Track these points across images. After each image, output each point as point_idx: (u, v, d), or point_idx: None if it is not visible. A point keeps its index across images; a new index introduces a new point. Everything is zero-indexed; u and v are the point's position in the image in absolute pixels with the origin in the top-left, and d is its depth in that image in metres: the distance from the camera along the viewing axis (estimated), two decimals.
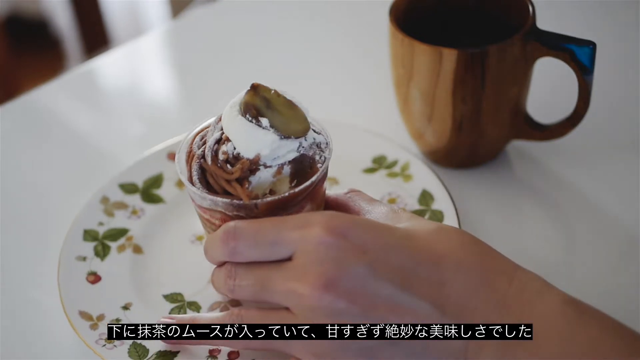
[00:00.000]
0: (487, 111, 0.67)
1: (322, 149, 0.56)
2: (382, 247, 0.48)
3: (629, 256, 0.65)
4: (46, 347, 0.61)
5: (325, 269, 0.47)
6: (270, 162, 0.53)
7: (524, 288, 0.48)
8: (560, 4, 0.90)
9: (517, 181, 0.72)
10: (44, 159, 0.81)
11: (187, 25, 1.01)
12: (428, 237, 0.50)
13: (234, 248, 0.50)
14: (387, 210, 0.55)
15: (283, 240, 0.49)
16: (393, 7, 0.68)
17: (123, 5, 2.12)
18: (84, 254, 0.64)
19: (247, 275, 0.51)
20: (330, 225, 0.48)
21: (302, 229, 0.49)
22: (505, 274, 0.49)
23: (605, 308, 0.60)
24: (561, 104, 0.70)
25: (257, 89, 0.54)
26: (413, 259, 0.48)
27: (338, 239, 0.48)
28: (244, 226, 0.51)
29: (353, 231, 0.48)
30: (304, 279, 0.48)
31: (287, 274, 0.49)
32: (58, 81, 0.92)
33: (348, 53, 0.90)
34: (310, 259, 0.48)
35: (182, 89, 0.93)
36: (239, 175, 0.53)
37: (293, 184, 0.54)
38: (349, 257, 0.47)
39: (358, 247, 0.48)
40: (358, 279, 0.47)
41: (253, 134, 0.53)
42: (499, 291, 0.48)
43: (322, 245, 0.48)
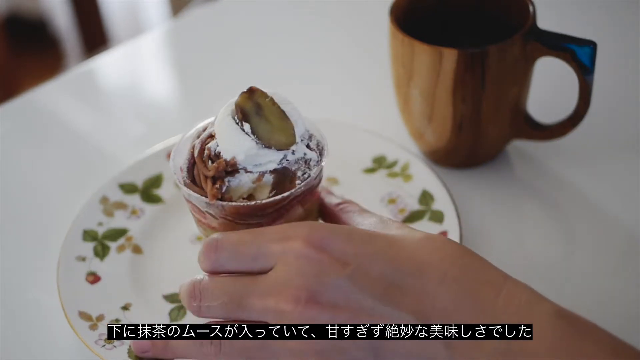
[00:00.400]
0: (487, 111, 0.67)
1: (309, 167, 0.55)
2: (363, 256, 0.47)
3: (629, 256, 0.65)
4: (46, 347, 0.61)
5: (308, 283, 0.47)
6: (252, 167, 0.53)
7: (512, 299, 0.47)
8: (560, 4, 0.90)
9: (517, 181, 0.72)
10: (44, 159, 0.81)
11: (187, 25, 1.01)
12: (412, 245, 0.49)
13: (215, 261, 0.50)
14: (376, 221, 0.54)
15: (264, 253, 0.49)
16: (393, 7, 0.68)
17: (123, 5, 2.12)
18: (83, 254, 0.64)
19: (217, 293, 0.50)
20: (310, 238, 0.48)
21: (282, 242, 0.48)
22: (493, 285, 0.47)
23: (605, 308, 0.61)
24: (561, 104, 0.70)
25: (252, 93, 0.54)
26: (395, 268, 0.47)
27: (318, 252, 0.47)
28: (225, 238, 0.50)
29: (333, 243, 0.48)
30: (286, 294, 0.47)
31: (266, 288, 0.48)
32: (58, 81, 0.92)
33: (348, 53, 0.90)
34: (292, 272, 0.47)
35: (182, 89, 0.93)
36: (214, 174, 0.53)
37: (272, 194, 0.53)
38: (331, 269, 0.47)
39: (339, 258, 0.47)
40: (340, 291, 0.47)
41: (233, 137, 0.53)
42: (485, 302, 0.46)
43: (302, 259, 0.47)
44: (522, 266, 0.63)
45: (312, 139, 0.57)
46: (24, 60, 2.15)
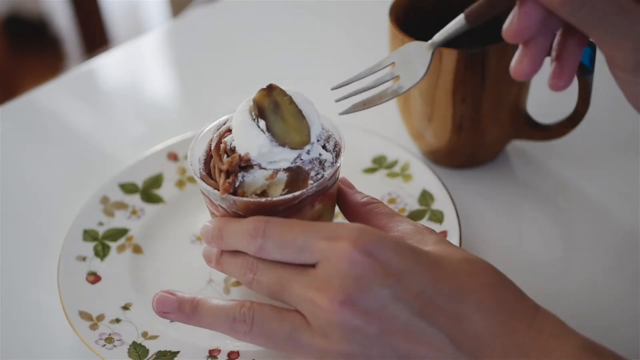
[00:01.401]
0: (487, 111, 0.67)
1: (324, 167, 0.55)
2: (407, 271, 0.47)
3: (628, 256, 0.65)
4: (46, 347, 0.61)
5: (346, 285, 0.47)
6: (266, 164, 0.53)
7: (542, 332, 0.47)
8: None
9: (517, 181, 0.72)
10: (44, 159, 0.81)
11: (187, 25, 1.01)
12: (454, 267, 0.49)
13: (261, 246, 0.50)
14: (413, 229, 0.53)
15: (310, 248, 0.49)
16: (393, 7, 0.69)
17: (123, 5, 2.12)
18: (83, 254, 0.64)
19: (268, 273, 0.50)
20: (358, 242, 0.47)
21: (330, 241, 0.48)
22: (525, 317, 0.48)
23: (605, 308, 0.61)
24: (561, 104, 0.70)
25: (271, 90, 0.54)
26: (436, 288, 0.47)
27: (364, 256, 0.47)
28: (274, 225, 0.50)
29: (380, 250, 0.48)
30: (324, 291, 0.47)
31: (308, 281, 0.48)
32: (58, 81, 0.92)
33: (348, 53, 0.90)
34: (333, 272, 0.47)
35: (182, 89, 0.93)
36: (228, 168, 0.53)
37: (284, 192, 0.53)
38: (372, 277, 0.47)
39: (383, 268, 0.47)
40: (378, 300, 0.47)
41: (248, 132, 0.53)
42: (517, 334, 0.47)
43: (348, 261, 0.47)
44: (521, 266, 0.63)
45: (330, 140, 0.57)
46: (24, 61, 2.15)
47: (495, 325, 0.47)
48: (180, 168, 0.71)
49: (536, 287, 0.60)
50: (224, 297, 0.60)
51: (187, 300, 0.53)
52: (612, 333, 0.58)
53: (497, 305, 0.48)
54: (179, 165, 0.71)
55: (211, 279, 0.62)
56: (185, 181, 0.70)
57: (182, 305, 0.53)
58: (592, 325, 0.58)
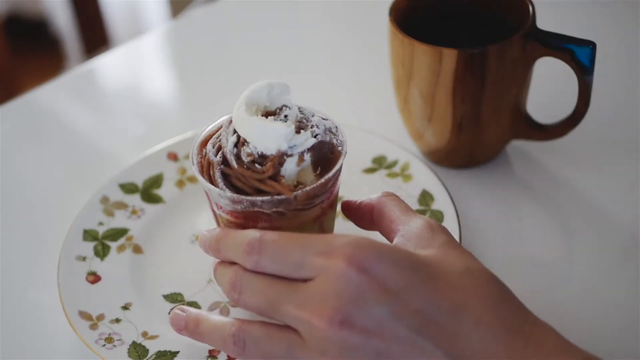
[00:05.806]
0: (487, 111, 0.67)
1: (334, 133, 0.56)
2: (405, 287, 0.47)
3: (629, 256, 0.65)
4: (46, 347, 0.61)
5: (344, 305, 0.46)
6: (291, 151, 0.53)
7: (541, 347, 0.47)
8: (560, 4, 0.90)
9: (517, 181, 0.72)
10: (44, 159, 0.81)
11: (187, 25, 1.01)
12: (453, 280, 0.48)
13: (256, 262, 0.49)
14: (424, 226, 0.53)
15: (306, 264, 0.48)
16: (393, 7, 0.69)
17: (123, 5, 2.12)
18: (83, 253, 0.64)
19: (256, 291, 0.50)
20: (354, 258, 0.47)
21: (325, 257, 0.47)
22: (523, 332, 0.47)
23: (605, 308, 0.61)
24: (561, 104, 0.70)
25: None
26: (434, 304, 0.47)
27: (360, 274, 0.46)
28: (270, 241, 0.49)
29: (377, 266, 0.47)
30: (321, 311, 0.46)
31: (303, 300, 0.48)
32: (58, 81, 0.92)
33: (348, 53, 0.90)
34: (330, 291, 0.47)
35: (182, 89, 0.93)
36: (272, 173, 0.53)
37: (318, 172, 0.54)
38: (370, 295, 0.46)
39: (380, 285, 0.47)
40: (376, 318, 0.46)
41: (267, 131, 0.53)
42: (515, 351, 0.47)
43: (342, 280, 0.46)
44: (521, 266, 0.64)
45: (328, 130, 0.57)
46: (24, 61, 2.15)
47: (494, 342, 0.47)
48: (180, 168, 0.71)
49: (536, 287, 0.60)
50: (224, 297, 0.60)
51: (191, 318, 0.53)
52: (612, 333, 0.58)
53: (495, 321, 0.47)
54: (179, 165, 0.71)
55: (211, 279, 0.62)
56: (185, 181, 0.70)
57: (187, 322, 0.53)
58: (592, 326, 0.58)
